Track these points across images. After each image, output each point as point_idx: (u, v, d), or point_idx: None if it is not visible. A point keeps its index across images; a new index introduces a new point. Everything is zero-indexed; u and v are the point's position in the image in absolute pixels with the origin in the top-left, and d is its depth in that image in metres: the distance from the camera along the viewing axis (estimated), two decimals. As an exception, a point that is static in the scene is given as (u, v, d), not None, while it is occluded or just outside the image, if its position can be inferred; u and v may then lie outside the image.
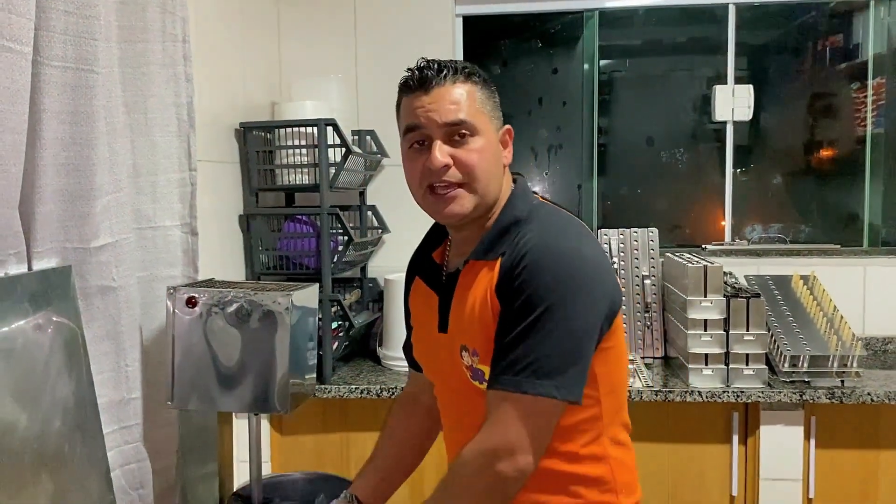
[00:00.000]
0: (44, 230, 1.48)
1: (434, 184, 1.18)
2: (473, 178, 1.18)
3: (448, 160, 1.16)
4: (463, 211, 1.19)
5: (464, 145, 1.17)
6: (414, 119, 1.19)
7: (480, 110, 1.19)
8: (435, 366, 1.32)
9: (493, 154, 1.20)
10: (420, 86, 1.18)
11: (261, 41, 2.66)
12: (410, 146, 1.21)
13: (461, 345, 1.20)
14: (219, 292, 1.66)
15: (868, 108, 2.88)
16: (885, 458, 2.16)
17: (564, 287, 1.10)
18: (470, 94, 1.18)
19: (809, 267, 2.61)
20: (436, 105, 1.17)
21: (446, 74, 1.17)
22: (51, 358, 1.45)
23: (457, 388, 1.24)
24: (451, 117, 1.16)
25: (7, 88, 1.29)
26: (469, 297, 1.20)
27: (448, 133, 1.17)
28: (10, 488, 1.33)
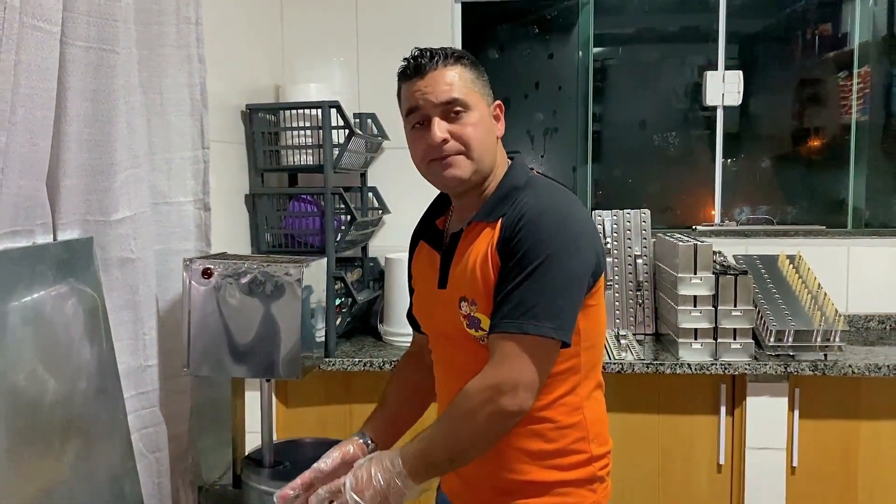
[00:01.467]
0: (67, 202, 1.55)
1: (436, 158, 1.32)
2: (470, 148, 1.30)
3: (446, 135, 1.29)
4: (461, 174, 1.31)
5: (459, 120, 1.30)
6: (413, 102, 1.31)
7: (471, 89, 1.31)
8: (433, 319, 1.42)
9: (486, 127, 1.33)
10: (416, 72, 1.31)
11: (264, 25, 2.73)
12: (413, 127, 1.34)
13: (460, 296, 1.31)
14: (233, 264, 1.74)
15: (853, 95, 2.97)
16: (865, 428, 2.26)
17: (559, 241, 1.23)
18: (461, 75, 1.31)
19: (795, 247, 2.71)
20: (431, 87, 1.29)
21: (438, 59, 1.30)
22: (75, 325, 1.53)
23: (453, 338, 1.35)
24: (446, 96, 1.29)
25: (38, 66, 1.36)
26: (471, 254, 1.32)
27: (444, 111, 1.29)
28: (44, 445, 1.41)
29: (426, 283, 1.44)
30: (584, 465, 1.34)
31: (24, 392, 1.37)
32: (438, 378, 1.47)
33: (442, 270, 1.38)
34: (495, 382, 1.22)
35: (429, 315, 1.45)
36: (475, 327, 1.30)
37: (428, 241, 1.46)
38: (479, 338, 1.30)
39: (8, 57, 1.28)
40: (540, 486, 1.32)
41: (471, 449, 1.25)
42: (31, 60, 1.34)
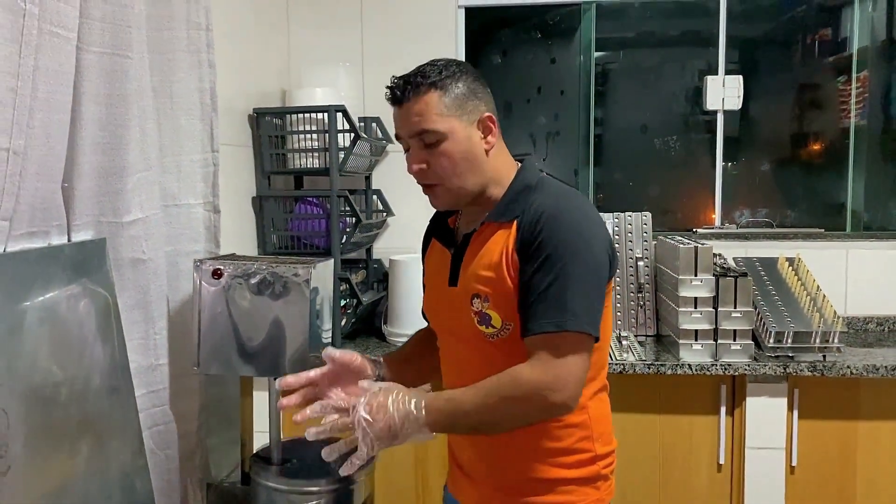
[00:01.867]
0: (81, 204, 1.59)
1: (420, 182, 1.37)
2: (446, 179, 1.33)
3: (421, 165, 1.33)
4: (441, 205, 1.38)
5: (433, 150, 1.31)
6: (396, 129, 1.37)
7: (443, 115, 1.31)
8: (442, 316, 1.45)
9: (462, 151, 1.33)
10: (395, 103, 1.34)
11: (271, 30, 2.77)
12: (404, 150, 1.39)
13: (473, 294, 1.34)
14: (242, 265, 1.77)
15: (852, 100, 3.01)
16: (864, 428, 2.29)
17: (581, 240, 1.27)
18: (431, 103, 1.30)
19: (795, 250, 2.74)
20: (404, 119, 1.33)
21: (408, 91, 1.31)
22: (88, 324, 1.57)
23: (462, 335, 1.38)
24: (416, 128, 1.31)
25: (55, 71, 1.40)
26: (485, 253, 1.34)
27: (419, 142, 1.32)
28: (59, 441, 1.45)
29: (437, 281, 1.47)
30: (588, 463, 1.37)
31: (41, 389, 1.41)
32: (446, 376, 1.49)
33: (453, 268, 1.40)
34: (547, 379, 1.23)
35: (438, 311, 1.48)
36: (486, 324, 1.32)
37: (440, 240, 1.49)
38: (489, 335, 1.33)
39: (27, 62, 1.32)
40: (544, 484, 1.35)
41: (499, 426, 1.29)
42: (48, 66, 1.38)
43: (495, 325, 1.31)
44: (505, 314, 1.31)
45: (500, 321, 1.31)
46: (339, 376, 1.46)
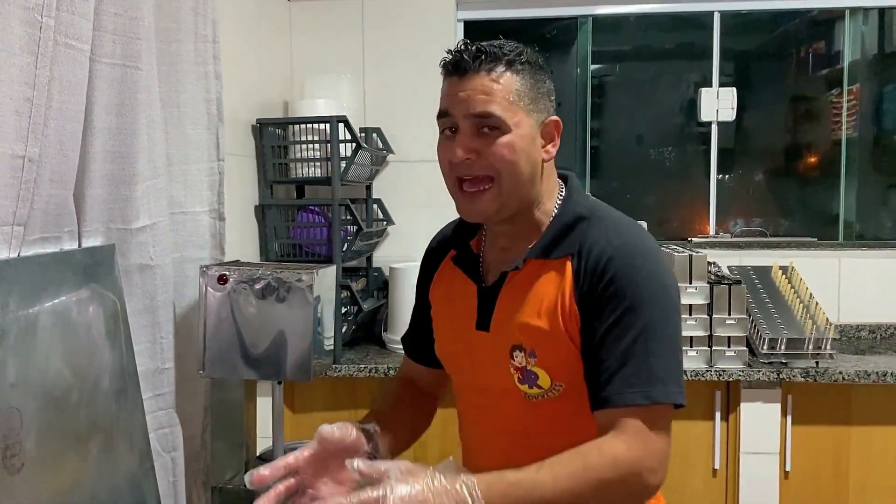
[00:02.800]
0: (92, 211, 1.63)
1: (461, 177, 1.13)
2: (502, 176, 1.10)
3: (470, 154, 1.10)
4: (485, 213, 1.13)
5: (493, 140, 1.10)
6: (445, 104, 1.13)
7: (515, 103, 1.10)
8: (465, 365, 1.23)
9: (524, 151, 1.11)
10: (455, 70, 1.12)
11: (274, 42, 2.82)
12: (443, 131, 1.16)
13: (513, 345, 1.13)
14: (247, 271, 1.82)
15: (844, 112, 3.06)
16: (856, 433, 2.33)
17: (662, 290, 1.09)
18: (507, 85, 1.10)
19: (788, 258, 2.79)
20: (467, 93, 1.09)
21: (482, 62, 1.09)
22: (97, 328, 1.60)
23: (497, 391, 1.18)
24: (480, 109, 1.09)
25: (69, 82, 1.44)
26: (532, 297, 1.14)
27: (475, 124, 1.10)
28: (69, 443, 1.48)
29: (457, 322, 1.23)
30: None
31: (52, 390, 1.45)
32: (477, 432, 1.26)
33: (483, 309, 1.18)
34: (644, 457, 1.03)
35: (464, 359, 1.23)
36: (530, 383, 1.12)
37: (463, 268, 1.24)
38: (533, 395, 1.13)
39: (42, 73, 1.36)
40: None
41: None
42: (63, 76, 1.42)
43: (542, 386, 1.12)
44: (555, 373, 1.11)
45: (549, 382, 1.12)
46: (326, 459, 1.14)
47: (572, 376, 1.11)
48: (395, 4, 2.94)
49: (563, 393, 1.12)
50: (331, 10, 2.96)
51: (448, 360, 1.29)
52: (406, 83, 2.92)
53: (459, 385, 1.28)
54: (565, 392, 1.12)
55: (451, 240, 1.30)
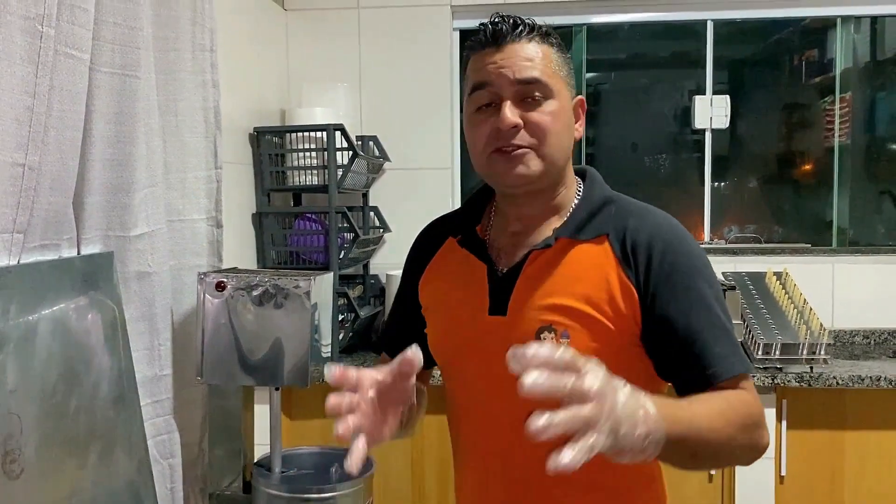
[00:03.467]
0: (91, 219, 1.64)
1: (501, 147, 1.09)
2: (544, 143, 1.08)
3: (518, 120, 1.07)
4: (530, 173, 1.09)
5: (536, 107, 1.08)
6: (483, 76, 1.09)
7: (556, 73, 1.10)
8: (483, 354, 1.13)
9: (566, 121, 1.11)
10: (492, 41, 1.09)
11: (271, 51, 2.84)
12: (477, 109, 1.11)
13: (541, 326, 1.08)
14: (245, 277, 1.83)
15: (836, 120, 3.09)
16: (851, 437, 2.35)
17: (709, 264, 1.11)
18: (546, 54, 1.09)
19: (782, 264, 2.81)
20: (509, 61, 1.07)
21: (522, 31, 1.08)
22: (96, 335, 1.62)
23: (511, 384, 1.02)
24: (526, 74, 1.07)
25: (69, 91, 1.46)
26: (560, 277, 1.10)
27: (520, 92, 1.08)
28: (69, 449, 1.49)
29: (461, 307, 1.17)
30: None
31: (52, 397, 1.46)
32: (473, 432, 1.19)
33: (498, 293, 1.13)
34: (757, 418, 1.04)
35: (469, 349, 1.16)
36: None
37: (473, 251, 1.18)
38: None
39: (43, 82, 1.38)
40: None
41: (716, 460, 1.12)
42: (63, 85, 1.44)
43: None
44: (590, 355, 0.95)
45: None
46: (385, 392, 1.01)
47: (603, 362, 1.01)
48: (392, 13, 2.96)
49: None
50: (327, 19, 2.98)
51: (452, 353, 1.20)
52: (402, 91, 2.94)
53: (463, 380, 1.19)
54: None
55: (452, 226, 1.24)
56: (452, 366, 1.21)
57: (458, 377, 1.21)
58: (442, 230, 1.26)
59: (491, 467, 1.16)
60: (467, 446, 1.22)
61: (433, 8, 2.96)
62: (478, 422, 1.18)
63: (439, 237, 1.26)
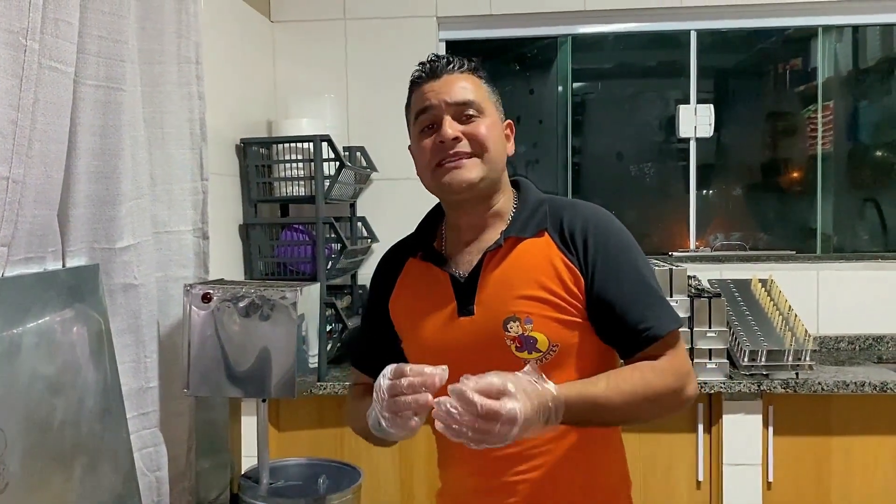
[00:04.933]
0: (76, 231, 1.64)
1: (444, 160, 1.24)
2: (484, 149, 1.24)
3: (458, 133, 1.23)
4: (472, 177, 1.23)
5: (472, 122, 1.24)
6: (424, 102, 1.26)
7: (487, 98, 1.28)
8: (460, 353, 1.24)
9: (499, 134, 1.28)
10: (430, 75, 1.27)
11: (258, 63, 2.84)
12: (421, 131, 1.27)
13: (507, 317, 1.22)
14: (231, 289, 1.83)
15: (819, 128, 3.12)
16: (836, 442, 2.36)
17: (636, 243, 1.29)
18: (476, 83, 1.27)
19: (767, 271, 2.83)
20: (445, 87, 1.25)
21: (454, 65, 1.27)
22: (82, 347, 1.61)
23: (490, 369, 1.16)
24: (460, 96, 1.24)
25: (53, 104, 1.46)
26: (514, 271, 1.24)
27: (457, 112, 1.24)
28: (54, 463, 1.48)
29: (433, 314, 1.29)
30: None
31: (37, 410, 1.45)
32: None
33: (463, 296, 1.26)
34: (682, 372, 1.20)
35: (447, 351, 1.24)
36: (529, 348, 1.21)
37: (434, 261, 1.31)
38: (535, 360, 1.19)
39: (27, 95, 1.38)
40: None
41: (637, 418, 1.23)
42: (47, 98, 1.44)
43: (541, 349, 1.20)
44: (551, 335, 1.21)
45: (547, 343, 1.21)
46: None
47: (564, 337, 1.22)
48: (378, 25, 2.98)
49: (556, 356, 1.22)
50: (314, 30, 2.99)
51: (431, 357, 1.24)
52: (389, 102, 2.93)
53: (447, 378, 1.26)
54: (559, 356, 1.22)
55: (410, 248, 1.38)
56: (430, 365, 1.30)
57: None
58: (400, 254, 1.40)
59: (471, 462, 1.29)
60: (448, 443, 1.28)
61: (419, 19, 2.97)
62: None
63: (400, 261, 1.39)
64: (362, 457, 2.40)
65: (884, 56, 3.18)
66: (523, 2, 2.95)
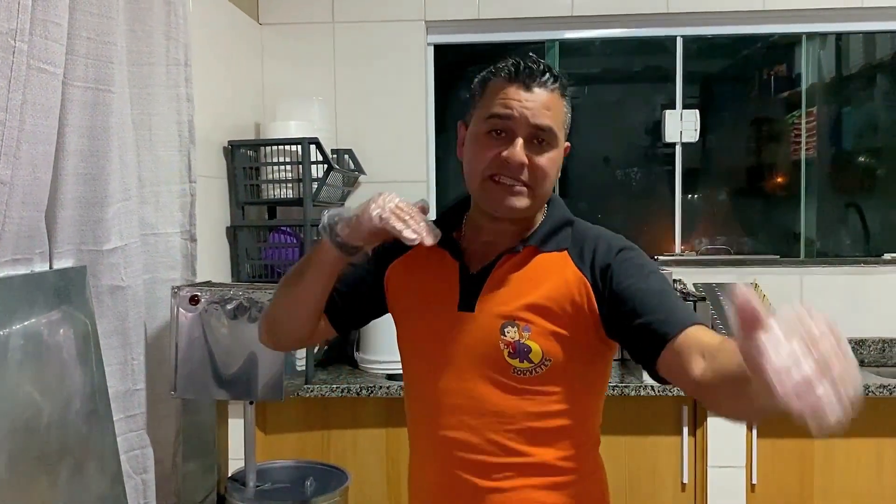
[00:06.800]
0: (63, 233, 1.64)
1: (500, 177, 1.20)
2: (539, 185, 1.21)
3: (526, 160, 1.19)
4: (520, 207, 1.21)
5: (541, 152, 1.20)
6: (506, 109, 1.19)
7: (562, 125, 1.23)
8: (452, 346, 1.25)
9: (558, 167, 1.25)
10: (522, 78, 1.19)
11: (246, 65, 2.84)
12: (488, 132, 1.21)
13: (506, 320, 1.21)
14: (219, 291, 1.83)
15: (803, 134, 3.16)
16: (820, 445, 2.39)
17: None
18: (560, 107, 1.22)
19: (751, 275, 2.86)
20: (532, 104, 1.18)
21: (548, 80, 1.20)
22: (69, 349, 1.61)
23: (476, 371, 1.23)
24: (542, 121, 1.18)
25: (42, 105, 1.46)
26: (525, 279, 1.23)
27: (531, 135, 1.19)
28: (40, 466, 1.48)
29: (431, 300, 1.29)
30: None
31: (23, 414, 1.44)
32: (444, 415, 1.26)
33: (467, 291, 1.26)
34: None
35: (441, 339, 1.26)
36: (521, 357, 1.20)
37: (450, 251, 1.29)
38: (521, 370, 1.20)
39: (15, 97, 1.38)
40: None
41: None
42: (35, 100, 1.44)
43: (533, 360, 1.19)
44: (547, 348, 1.19)
45: (541, 355, 1.19)
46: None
47: (558, 355, 1.20)
48: (367, 28, 2.98)
49: (548, 371, 1.19)
50: (302, 33, 3.00)
51: (421, 340, 1.31)
52: (378, 104, 2.96)
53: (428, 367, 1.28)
54: (550, 371, 1.19)
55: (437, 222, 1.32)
56: (420, 353, 1.31)
57: (423, 364, 1.30)
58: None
59: (449, 455, 1.26)
60: (426, 433, 1.30)
61: (408, 23, 2.98)
62: (437, 409, 1.27)
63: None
64: (349, 459, 2.40)
65: (866, 63, 3.22)
66: (511, 6, 2.97)
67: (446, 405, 1.26)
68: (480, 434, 1.23)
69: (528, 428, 1.22)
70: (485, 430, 1.22)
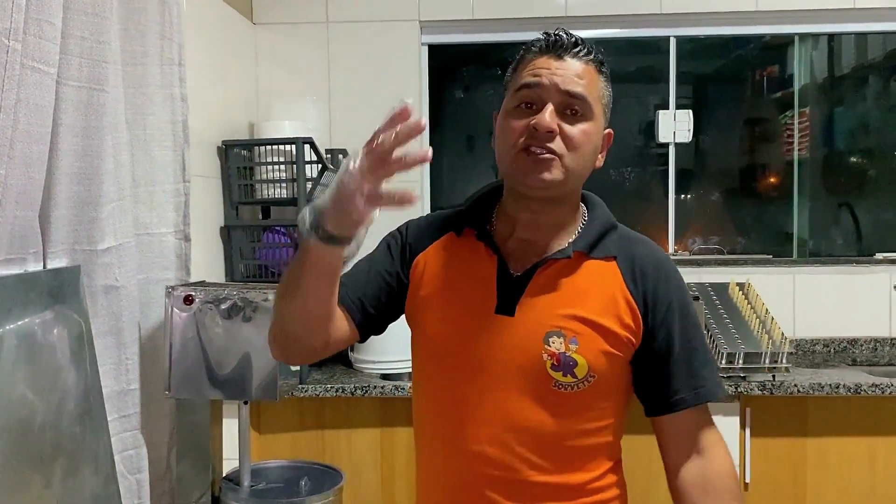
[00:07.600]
0: (57, 232, 1.63)
1: (532, 146, 1.11)
2: (572, 156, 1.12)
3: (556, 127, 1.10)
4: (552, 178, 1.11)
5: (574, 122, 1.12)
6: (535, 78, 1.13)
7: (599, 98, 1.16)
8: (484, 349, 1.16)
9: (595, 144, 1.16)
10: (553, 49, 1.14)
11: (240, 65, 2.84)
12: (518, 105, 1.14)
13: (552, 330, 1.13)
14: (213, 291, 1.83)
15: (795, 134, 3.17)
16: (812, 444, 2.40)
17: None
18: (595, 78, 1.15)
19: (745, 275, 2.87)
20: (562, 71, 1.12)
21: (581, 50, 1.14)
22: (63, 350, 1.60)
23: (514, 381, 1.14)
24: (574, 88, 1.11)
25: (36, 105, 1.45)
26: (574, 287, 1.16)
27: (563, 103, 1.12)
28: (34, 466, 1.47)
29: (465, 298, 1.19)
30: None
31: (17, 414, 1.44)
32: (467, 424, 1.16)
33: (506, 294, 1.16)
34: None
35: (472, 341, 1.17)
36: (566, 370, 1.12)
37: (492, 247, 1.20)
38: (565, 384, 1.12)
39: (9, 96, 1.37)
40: None
41: None
42: (29, 99, 1.44)
43: (577, 375, 1.11)
44: (594, 364, 1.12)
45: (587, 370, 1.12)
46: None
47: (605, 373, 1.14)
48: (361, 28, 2.98)
49: (590, 388, 1.13)
50: (296, 33, 3.00)
51: (451, 340, 1.19)
52: (372, 104, 2.96)
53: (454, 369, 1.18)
54: (593, 387, 1.13)
55: (453, 220, 1.26)
56: (444, 356, 1.20)
57: (447, 369, 1.19)
58: (440, 225, 1.27)
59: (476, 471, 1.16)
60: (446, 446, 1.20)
61: (402, 23, 2.99)
62: (462, 420, 1.17)
63: (438, 229, 1.26)
64: (344, 459, 2.40)
65: (858, 64, 3.24)
66: (505, 7, 2.98)
67: (474, 417, 1.16)
68: (511, 450, 1.14)
69: (563, 446, 1.15)
70: (517, 445, 1.14)
